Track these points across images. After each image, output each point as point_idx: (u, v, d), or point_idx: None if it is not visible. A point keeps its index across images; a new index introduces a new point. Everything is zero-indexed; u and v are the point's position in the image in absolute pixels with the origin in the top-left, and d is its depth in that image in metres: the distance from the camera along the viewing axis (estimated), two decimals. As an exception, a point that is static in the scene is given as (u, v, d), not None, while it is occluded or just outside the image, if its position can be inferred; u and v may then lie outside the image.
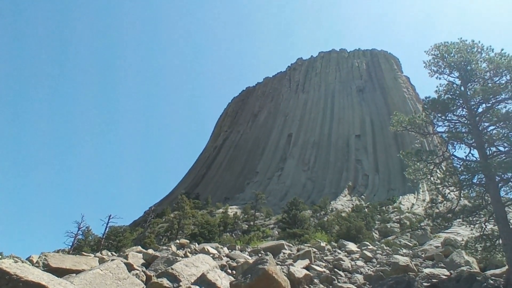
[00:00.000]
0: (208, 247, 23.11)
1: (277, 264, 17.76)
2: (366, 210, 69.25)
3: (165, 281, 11.35)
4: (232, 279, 13.11)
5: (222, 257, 20.84)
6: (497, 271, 15.25)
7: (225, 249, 24.81)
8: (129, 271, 12.17)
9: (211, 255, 20.57)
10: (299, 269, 15.47)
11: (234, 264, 18.45)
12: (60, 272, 11.44)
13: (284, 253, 22.92)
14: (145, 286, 11.54)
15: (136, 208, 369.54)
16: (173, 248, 23.84)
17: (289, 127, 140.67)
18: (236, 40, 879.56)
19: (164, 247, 25.52)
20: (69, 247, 43.91)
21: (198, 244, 29.96)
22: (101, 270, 10.23)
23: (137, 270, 13.34)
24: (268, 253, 20.29)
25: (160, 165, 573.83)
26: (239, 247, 26.75)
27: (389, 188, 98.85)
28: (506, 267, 13.79)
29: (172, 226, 55.28)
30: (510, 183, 14.80)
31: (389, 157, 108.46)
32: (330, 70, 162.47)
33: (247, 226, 61.30)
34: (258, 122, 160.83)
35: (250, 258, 20.30)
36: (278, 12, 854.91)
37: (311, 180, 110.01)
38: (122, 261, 12.97)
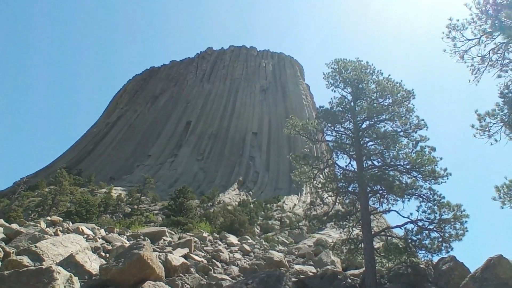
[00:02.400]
0: (83, 227, 21.69)
1: (155, 251, 17.37)
2: (251, 205, 71.55)
3: (25, 259, 10.26)
4: (104, 262, 12.42)
5: (98, 239, 19.73)
6: (356, 271, 16.99)
7: (102, 231, 23.56)
8: (-17, 246, 10.75)
9: (85, 236, 19.36)
10: (177, 257, 15.31)
11: (110, 247, 17.58)
12: None
13: (164, 240, 22.55)
14: (0, 263, 10.31)
15: (4, 177, 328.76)
16: (42, 224, 21.86)
17: (189, 114, 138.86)
18: (146, 17, 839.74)
19: (32, 223, 23.29)
20: None
21: (73, 223, 27.96)
22: None
23: (-6, 245, 11.86)
24: (147, 238, 19.75)
25: (40, 134, 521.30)
26: (118, 230, 25.61)
27: (276, 187, 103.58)
28: (364, 268, 15.40)
29: (45, 201, 50.53)
30: (377, 194, 16.54)
31: (280, 157, 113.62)
32: (238, 65, 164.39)
33: (130, 209, 58.97)
34: (158, 104, 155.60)
35: (128, 242, 19.51)
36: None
37: (203, 170, 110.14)
38: (-25, 234, 11.42)
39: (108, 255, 15.82)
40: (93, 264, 11.46)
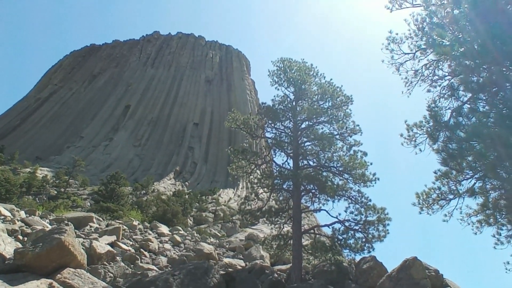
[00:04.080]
0: (1, 207, 20.12)
1: (80, 237, 16.61)
2: (186, 196, 70.68)
3: None
4: (21, 246, 11.59)
5: (16, 221, 18.41)
6: (283, 267, 17.42)
7: (22, 213, 22.02)
8: None
9: (2, 217, 18.02)
10: (102, 245, 14.73)
11: (29, 231, 16.49)
12: None
13: (91, 227, 21.63)
14: None
15: None
16: (-48, 203, 19.96)
17: (129, 98, 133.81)
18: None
19: None
20: None
21: (-11, 203, 25.81)
22: None
23: None
24: (71, 223, 18.76)
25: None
26: (40, 213, 24.09)
27: (213, 179, 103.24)
28: (291, 264, 15.83)
29: (-43, 178, 46.12)
30: (310, 193, 17.06)
31: (219, 150, 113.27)
32: (185, 53, 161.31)
33: (56, 192, 55.67)
34: (95, 84, 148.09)
35: (49, 226, 18.40)
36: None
37: (139, 157, 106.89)
38: None
39: (26, 238, 14.82)
40: (7, 247, 10.63)
